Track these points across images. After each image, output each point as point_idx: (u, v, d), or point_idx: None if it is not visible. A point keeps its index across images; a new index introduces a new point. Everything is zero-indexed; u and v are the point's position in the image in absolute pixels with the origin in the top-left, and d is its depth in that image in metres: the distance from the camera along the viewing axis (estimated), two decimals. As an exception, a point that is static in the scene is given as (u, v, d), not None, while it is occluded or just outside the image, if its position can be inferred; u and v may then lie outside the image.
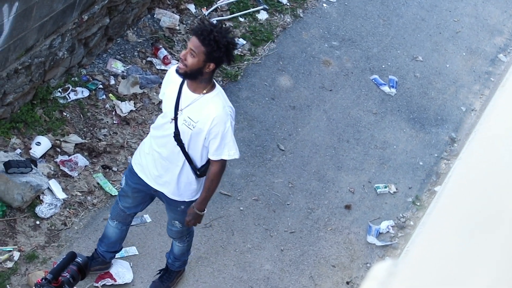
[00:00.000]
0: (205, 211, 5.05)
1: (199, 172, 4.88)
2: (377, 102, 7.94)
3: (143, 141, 5.09)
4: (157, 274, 5.74)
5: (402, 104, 8.02)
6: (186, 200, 5.03)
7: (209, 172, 4.84)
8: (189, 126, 4.67)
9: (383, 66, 8.37)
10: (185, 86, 4.68)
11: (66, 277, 3.03)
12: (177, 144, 4.75)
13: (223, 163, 4.83)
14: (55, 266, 3.04)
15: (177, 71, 4.57)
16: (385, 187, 7.09)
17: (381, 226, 6.73)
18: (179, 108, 4.69)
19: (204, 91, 4.63)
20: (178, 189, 4.96)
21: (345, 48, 8.40)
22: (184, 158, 4.80)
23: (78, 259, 3.10)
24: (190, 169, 4.87)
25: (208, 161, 4.86)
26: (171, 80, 4.77)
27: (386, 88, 8.10)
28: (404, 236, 6.71)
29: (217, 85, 4.72)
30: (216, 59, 4.50)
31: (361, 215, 6.81)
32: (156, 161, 4.92)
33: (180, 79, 4.66)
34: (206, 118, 4.62)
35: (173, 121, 4.71)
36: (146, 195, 5.21)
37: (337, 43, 8.42)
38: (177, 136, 4.73)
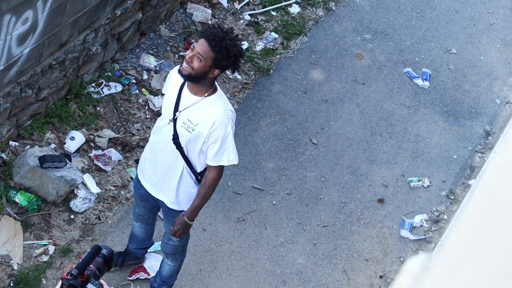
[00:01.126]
0: (194, 222, 4.82)
1: (200, 176, 4.69)
2: (410, 95, 7.89)
3: (145, 148, 4.96)
4: None
5: (436, 97, 7.96)
6: (185, 210, 4.84)
7: (206, 178, 4.62)
8: (188, 129, 4.50)
9: (416, 59, 8.31)
10: (185, 88, 4.53)
11: (92, 270, 3.04)
12: (176, 148, 4.58)
13: (221, 169, 4.62)
14: (80, 260, 3.05)
15: (180, 71, 4.40)
16: (419, 181, 7.04)
17: (415, 220, 6.70)
18: (178, 110, 4.53)
19: (206, 94, 4.47)
20: (177, 196, 4.78)
21: (377, 41, 8.35)
22: (184, 162, 4.62)
23: (104, 251, 3.11)
24: (189, 175, 4.69)
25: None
26: (173, 80, 4.63)
27: (419, 81, 8.04)
28: (438, 230, 6.67)
29: (218, 88, 4.55)
30: (222, 67, 4.36)
31: (394, 209, 6.78)
32: (156, 167, 4.78)
33: (180, 81, 4.53)
34: (207, 121, 4.45)
35: (171, 122, 4.55)
36: (152, 204, 5.11)
37: (370, 36, 8.38)
38: (175, 139, 4.56)
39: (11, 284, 5.36)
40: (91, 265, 3.05)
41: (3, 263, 5.46)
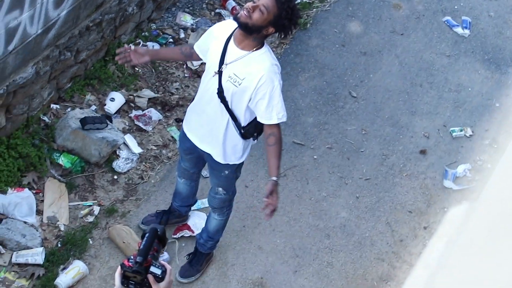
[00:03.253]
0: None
1: (244, 130, 4.67)
2: (450, 44, 7.78)
3: (195, 98, 4.91)
4: (186, 258, 5.59)
5: (476, 45, 7.84)
6: (230, 164, 4.86)
7: (271, 137, 4.56)
8: (234, 83, 4.47)
9: (456, 7, 8.17)
10: (231, 42, 4.48)
11: (152, 254, 3.05)
12: (221, 101, 4.55)
13: (278, 125, 4.57)
14: (141, 247, 3.03)
15: (237, 18, 4.35)
16: (461, 130, 6.97)
17: (458, 170, 6.64)
18: (224, 62, 4.49)
19: (254, 49, 4.44)
20: (223, 150, 4.77)
21: (415, -10, 8.22)
22: (229, 115, 4.60)
23: (158, 231, 3.10)
24: (234, 128, 4.66)
25: (252, 121, 4.65)
26: (215, 37, 4.59)
27: (459, 30, 7.92)
28: (482, 179, 6.60)
29: (265, 42, 4.49)
30: (279, 27, 4.34)
31: (436, 160, 6.73)
32: (202, 120, 4.77)
33: (225, 36, 4.49)
34: (254, 75, 4.41)
35: (217, 74, 4.52)
36: (197, 157, 5.11)
37: (408, -14, 8.25)
38: (220, 93, 4.53)
39: (59, 245, 5.46)
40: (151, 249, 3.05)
41: (50, 224, 5.55)
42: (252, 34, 4.37)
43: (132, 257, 2.98)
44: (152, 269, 3.01)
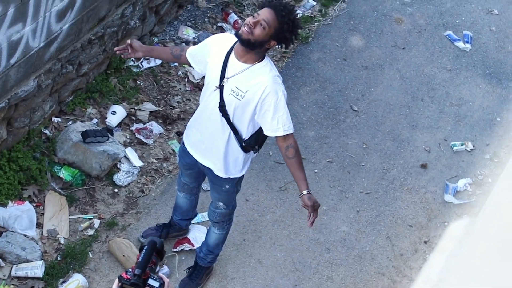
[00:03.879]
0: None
1: (245, 143, 4.66)
2: (452, 59, 7.79)
3: (193, 116, 4.92)
4: (186, 272, 5.57)
5: (478, 60, 7.85)
6: (231, 177, 4.85)
7: (290, 149, 4.55)
8: (237, 97, 4.45)
9: (457, 22, 8.19)
10: (232, 56, 4.49)
11: (150, 266, 3.06)
12: (222, 116, 4.54)
13: (292, 135, 4.57)
14: (140, 259, 3.04)
15: (239, 35, 4.36)
16: (462, 145, 6.97)
17: (459, 184, 6.64)
18: (226, 77, 4.49)
19: (256, 62, 4.44)
20: (225, 164, 4.76)
21: (417, 5, 8.24)
22: (230, 129, 4.59)
23: (156, 244, 3.11)
24: (236, 142, 4.66)
25: (256, 134, 4.65)
26: (217, 48, 4.59)
27: (460, 44, 7.93)
28: (482, 193, 6.60)
29: (266, 55, 4.50)
30: (281, 39, 4.36)
31: (437, 174, 6.72)
32: (203, 135, 4.76)
33: (226, 48, 4.50)
34: (257, 87, 4.41)
35: (218, 89, 4.51)
36: (197, 172, 5.11)
37: (409, 0, 8.27)
38: (222, 107, 4.52)
39: (59, 258, 5.45)
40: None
41: (50, 237, 5.54)
42: (254, 49, 4.38)
43: (130, 269, 2.99)
44: (150, 281, 3.02)
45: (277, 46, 4.46)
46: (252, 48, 4.38)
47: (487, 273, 1.15)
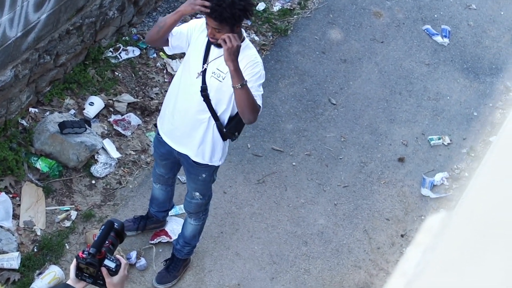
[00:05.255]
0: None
1: (226, 129, 4.68)
2: (430, 53, 7.82)
3: (165, 103, 4.91)
4: (163, 264, 5.58)
5: (456, 54, 7.89)
6: (209, 165, 4.86)
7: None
8: (218, 78, 4.52)
9: (436, 16, 8.22)
10: None
11: (107, 247, 3.05)
12: (204, 100, 4.59)
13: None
14: (96, 239, 3.04)
15: (212, 43, 4.44)
16: (439, 139, 7.01)
17: (435, 178, 6.67)
18: (207, 62, 4.55)
19: None
20: (202, 150, 4.78)
21: (396, -1, 8.26)
22: (210, 114, 4.63)
23: (115, 225, 3.11)
24: (215, 128, 4.68)
25: (233, 120, 4.67)
26: (196, 36, 4.62)
27: (438, 38, 7.96)
28: (459, 187, 6.64)
29: (246, 38, 4.56)
30: (239, 22, 4.39)
31: (414, 168, 6.76)
32: (179, 122, 4.76)
33: (204, 34, 4.51)
34: None
35: (200, 75, 4.56)
36: (173, 161, 5.12)
37: (388, -6, 8.29)
38: (204, 91, 4.56)
39: (35, 250, 5.42)
40: (106, 241, 3.06)
41: (26, 229, 5.51)
42: None
43: (87, 249, 2.99)
44: (106, 262, 3.01)
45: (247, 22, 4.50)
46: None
47: (463, 266, 1.16)
